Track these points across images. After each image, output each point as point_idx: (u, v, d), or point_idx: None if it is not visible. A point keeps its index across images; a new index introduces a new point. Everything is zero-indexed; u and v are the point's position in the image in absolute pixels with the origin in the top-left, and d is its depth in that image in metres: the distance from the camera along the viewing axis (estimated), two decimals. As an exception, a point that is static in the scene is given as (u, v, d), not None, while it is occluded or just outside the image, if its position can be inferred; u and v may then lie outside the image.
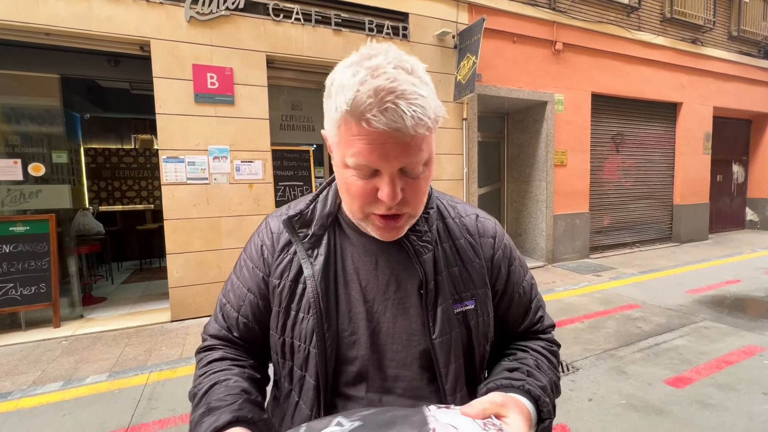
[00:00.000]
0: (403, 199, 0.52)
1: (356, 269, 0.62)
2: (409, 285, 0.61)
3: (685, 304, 4.06)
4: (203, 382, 0.60)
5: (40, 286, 3.61)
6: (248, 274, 0.66)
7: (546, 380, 0.59)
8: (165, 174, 3.73)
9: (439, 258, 0.62)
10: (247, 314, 0.65)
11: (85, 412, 2.35)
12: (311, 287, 0.59)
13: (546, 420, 0.55)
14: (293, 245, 0.63)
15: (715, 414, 2.19)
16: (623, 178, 7.00)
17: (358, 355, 0.60)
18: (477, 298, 0.64)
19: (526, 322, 0.70)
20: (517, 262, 0.70)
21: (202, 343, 0.70)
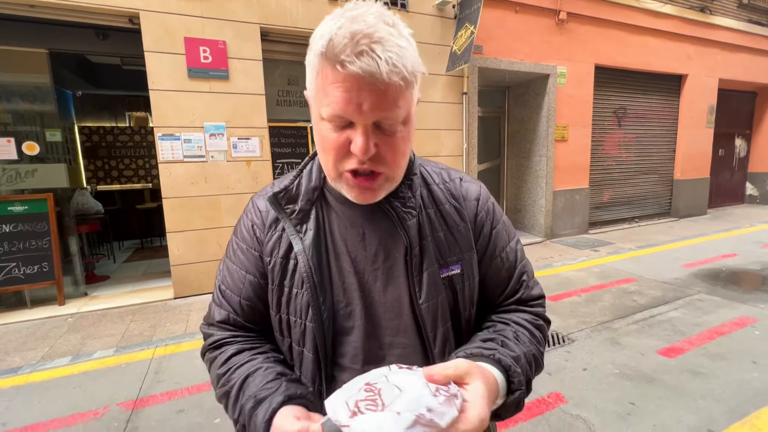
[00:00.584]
0: (379, 156, 0.51)
1: (345, 241, 0.62)
2: (396, 253, 0.61)
3: (681, 277, 4.11)
4: (232, 378, 0.59)
5: (42, 265, 3.64)
6: (243, 256, 0.66)
7: (521, 351, 0.58)
8: (161, 152, 3.69)
9: (423, 224, 0.62)
10: (249, 296, 0.65)
11: (95, 384, 2.43)
12: (303, 262, 0.59)
13: (516, 391, 0.54)
14: (281, 222, 0.63)
15: (705, 382, 2.26)
16: (624, 153, 6.93)
17: (355, 325, 0.61)
18: (463, 262, 0.63)
19: (508, 290, 0.67)
20: (502, 226, 0.68)
21: (208, 339, 0.67)
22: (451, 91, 5.01)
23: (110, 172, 7.20)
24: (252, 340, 0.65)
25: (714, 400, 2.09)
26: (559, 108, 5.84)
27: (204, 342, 0.68)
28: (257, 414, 0.52)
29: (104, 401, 2.25)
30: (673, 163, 7.54)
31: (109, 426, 2.04)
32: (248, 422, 0.54)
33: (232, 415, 0.57)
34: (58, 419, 2.11)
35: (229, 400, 0.58)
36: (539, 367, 0.62)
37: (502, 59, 5.28)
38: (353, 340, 0.61)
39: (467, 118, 5.10)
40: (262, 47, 4.03)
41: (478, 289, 0.67)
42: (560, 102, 5.83)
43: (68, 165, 5.31)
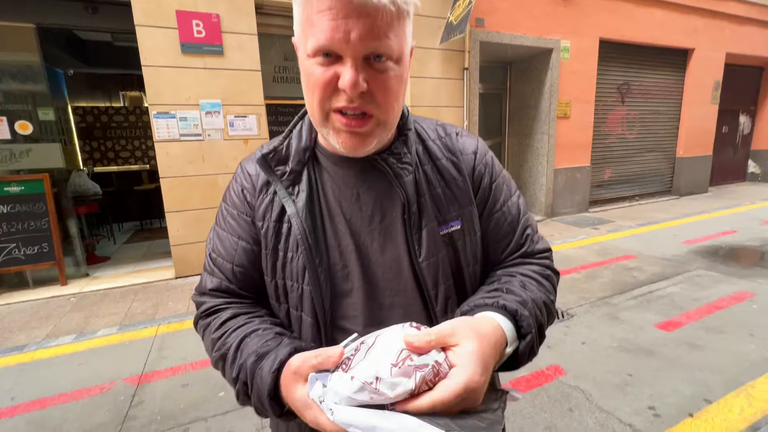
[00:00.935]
0: (370, 94, 0.48)
1: (339, 202, 0.60)
2: (393, 212, 0.59)
3: (681, 254, 4.13)
4: (228, 341, 0.56)
5: (42, 246, 3.64)
6: (234, 222, 0.63)
7: (528, 296, 0.55)
8: (157, 130, 3.63)
9: (420, 180, 0.60)
10: (242, 263, 0.62)
11: (100, 361, 2.46)
12: (297, 224, 0.57)
13: (527, 335, 0.52)
14: (272, 185, 0.61)
15: (702, 354, 2.29)
16: (627, 131, 6.84)
17: (353, 287, 0.59)
18: (463, 217, 0.61)
19: (512, 245, 0.65)
20: (502, 179, 0.66)
21: (200, 307, 0.64)
22: (452, 67, 4.89)
23: (106, 153, 7.12)
24: (247, 306, 0.63)
25: (710, 371, 2.13)
26: (562, 84, 5.72)
27: (196, 311, 0.66)
28: (263, 366, 0.50)
29: (110, 377, 2.28)
30: (675, 140, 7.46)
31: (115, 400, 2.07)
32: (250, 377, 0.52)
33: (230, 375, 0.55)
34: (65, 394, 2.14)
35: (226, 363, 0.56)
36: (551, 315, 0.60)
37: (504, 33, 5.13)
38: (352, 302, 0.59)
39: (468, 95, 5.00)
40: (257, 21, 3.90)
41: (482, 246, 0.65)
42: (563, 78, 5.71)
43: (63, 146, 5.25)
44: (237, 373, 0.54)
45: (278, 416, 0.51)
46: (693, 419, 1.77)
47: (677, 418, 1.78)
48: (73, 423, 1.92)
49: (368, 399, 0.39)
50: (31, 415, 1.99)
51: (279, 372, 0.49)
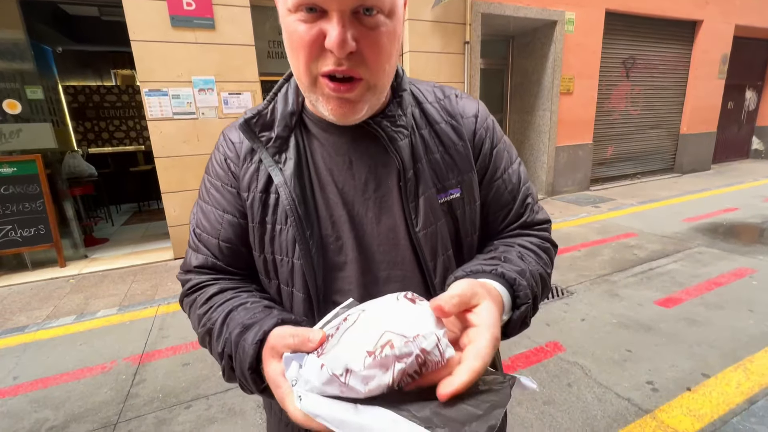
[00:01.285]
0: (359, 55, 0.44)
1: (330, 171, 0.56)
2: (388, 180, 0.55)
3: (682, 231, 4.10)
4: (212, 316, 0.53)
5: (39, 228, 3.61)
6: (218, 194, 0.59)
7: (526, 267, 0.53)
8: (149, 109, 3.53)
9: (417, 145, 0.56)
10: (229, 238, 0.58)
11: (100, 341, 2.47)
12: (285, 194, 0.53)
13: (522, 305, 0.50)
14: (257, 153, 0.56)
15: (701, 329, 2.30)
16: (631, 107, 6.70)
17: (347, 260, 0.56)
18: (463, 185, 0.58)
19: (512, 215, 0.62)
20: (503, 145, 0.62)
21: (186, 285, 0.61)
22: (452, 40, 4.72)
23: (100, 134, 6.99)
24: (235, 282, 0.60)
25: (709, 346, 2.13)
26: (566, 58, 5.55)
27: (182, 289, 0.62)
28: (246, 337, 0.47)
29: (111, 356, 2.29)
30: (680, 116, 7.32)
31: (117, 379, 2.09)
32: (234, 349, 0.48)
33: (216, 349, 0.51)
34: (67, 373, 2.16)
35: (212, 337, 0.53)
36: (546, 288, 0.57)
37: (506, 4, 4.94)
38: (347, 276, 0.56)
39: (469, 70, 4.86)
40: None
41: (480, 216, 0.61)
42: (567, 52, 5.53)
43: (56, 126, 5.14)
44: (222, 347, 0.50)
45: (259, 391, 0.48)
46: (691, 393, 1.78)
47: (675, 392, 1.79)
48: (76, 401, 1.93)
49: (338, 393, 0.34)
50: (34, 393, 2.00)
51: (262, 343, 0.45)
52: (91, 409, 1.88)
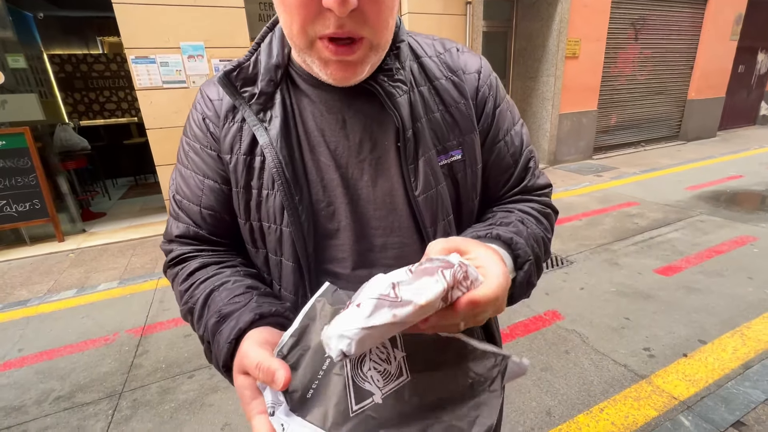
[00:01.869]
0: (360, 11, 0.39)
1: (321, 131, 0.51)
2: (385, 141, 0.51)
3: (684, 200, 4.06)
4: (194, 294, 0.51)
5: (33, 203, 3.56)
6: (198, 158, 0.54)
7: (524, 228, 0.51)
8: (137, 77, 3.39)
9: (416, 103, 0.51)
10: (211, 205, 0.54)
11: (102, 314, 2.49)
12: (271, 156, 0.49)
13: (525, 264, 0.47)
14: (239, 111, 0.51)
15: (700, 297, 2.30)
16: (638, 71, 6.47)
17: (340, 226, 0.52)
18: (464, 146, 0.54)
19: (513, 179, 0.58)
20: (506, 105, 0.58)
21: (168, 255, 0.57)
22: (454, 1, 4.48)
23: (91, 105, 6.80)
24: (219, 254, 0.57)
25: (707, 313, 2.14)
26: (573, 19, 5.29)
27: (165, 259, 0.59)
28: (222, 331, 0.44)
29: (113, 328, 2.32)
30: (688, 81, 7.08)
31: (120, 350, 2.11)
32: (212, 340, 0.46)
33: (198, 332, 0.49)
34: (70, 345, 2.18)
35: (193, 317, 0.51)
36: (547, 252, 0.55)
37: (511, -40, 4.64)
38: (340, 243, 0.53)
39: (471, 33, 4.64)
40: (236, -52, 3.49)
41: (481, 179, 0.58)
42: (574, 12, 5.26)
43: (44, 98, 4.98)
44: (202, 332, 0.48)
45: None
46: (687, 359, 1.81)
47: (671, 358, 1.81)
48: (80, 372, 1.97)
49: (391, 318, 0.28)
50: (40, 365, 2.04)
51: (238, 341, 0.42)
52: (96, 379, 1.91)
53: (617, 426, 1.48)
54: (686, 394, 1.60)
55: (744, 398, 1.56)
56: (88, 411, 1.72)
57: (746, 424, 1.44)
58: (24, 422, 1.68)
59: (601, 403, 1.59)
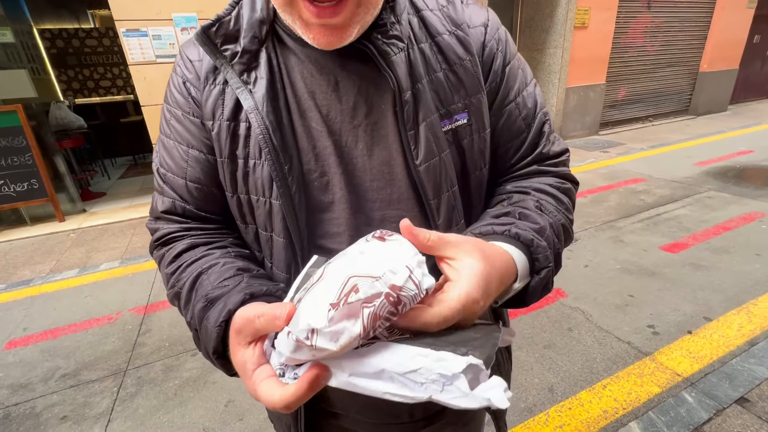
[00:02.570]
0: None
1: (311, 93, 0.46)
2: (382, 104, 0.46)
3: (692, 176, 3.98)
4: (181, 278, 0.48)
5: (31, 182, 3.53)
6: (180, 126, 0.50)
7: (546, 221, 0.46)
8: (130, 52, 3.27)
9: (415, 62, 0.46)
10: (197, 177, 0.50)
11: (105, 293, 2.49)
12: (257, 122, 0.44)
13: (543, 270, 0.43)
14: (220, 72, 0.46)
15: (706, 274, 2.27)
16: (649, 42, 6.22)
17: (334, 199, 0.48)
18: (470, 108, 0.48)
19: (525, 146, 0.53)
20: (517, 62, 0.52)
21: (154, 235, 0.54)
22: (458, -33, 4.25)
23: (85, 83, 6.65)
24: (208, 234, 0.53)
25: (713, 290, 2.12)
26: (583, -14, 5.04)
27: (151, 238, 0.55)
28: (209, 317, 0.41)
29: (116, 307, 2.32)
30: (701, 53, 6.82)
31: (123, 329, 2.12)
32: (199, 327, 0.43)
33: (185, 318, 0.46)
34: (74, 324, 2.20)
35: (180, 302, 0.47)
36: (569, 238, 0.50)
37: None
38: (335, 217, 0.48)
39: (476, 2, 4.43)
40: None
41: (490, 146, 0.53)
42: (584, -22, 5.01)
43: (36, 75, 4.86)
44: (190, 318, 0.45)
45: (230, 374, 0.43)
46: (691, 336, 1.79)
47: (675, 335, 1.80)
48: (85, 350, 1.98)
49: (310, 357, 0.30)
50: (45, 344, 2.05)
51: (227, 324, 0.39)
52: (100, 357, 1.93)
53: (620, 402, 1.48)
54: (690, 371, 1.59)
55: (748, 375, 1.55)
56: (93, 388, 1.74)
57: (750, 401, 1.44)
58: (31, 399, 1.70)
59: (603, 380, 1.59)
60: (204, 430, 1.51)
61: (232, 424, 1.52)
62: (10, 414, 1.63)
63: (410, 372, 0.28)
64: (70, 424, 1.57)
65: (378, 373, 0.29)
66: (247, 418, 1.54)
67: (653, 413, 1.42)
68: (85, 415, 1.60)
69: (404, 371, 0.28)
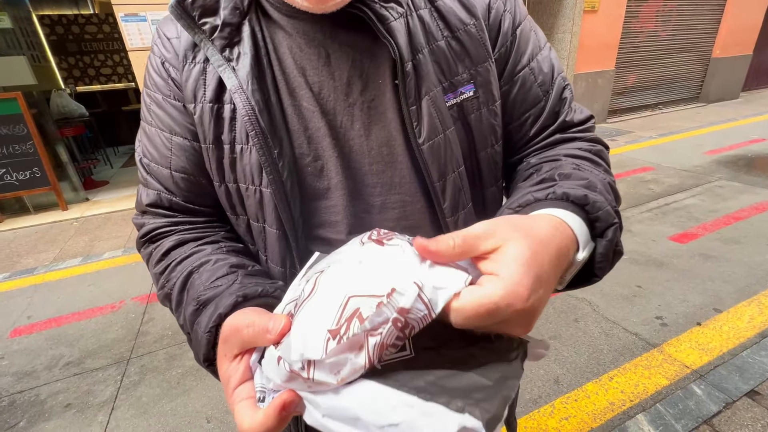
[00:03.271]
0: None
1: (301, 69, 0.42)
2: (379, 79, 0.42)
3: (702, 164, 3.89)
4: (171, 278, 0.44)
5: (33, 171, 3.52)
6: (161, 111, 0.46)
7: (594, 177, 0.39)
8: (128, 37, 3.21)
9: (415, 30, 0.41)
10: (182, 167, 0.46)
11: (108, 282, 2.49)
12: (242, 102, 0.40)
13: (608, 229, 0.34)
14: (200, 48, 0.42)
15: (716, 265, 2.23)
16: (660, 27, 6.04)
17: (330, 185, 0.44)
18: (477, 79, 0.44)
19: (545, 115, 0.47)
20: (528, 23, 0.47)
21: (140, 230, 0.50)
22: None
23: (86, 70, 6.60)
24: (198, 228, 0.49)
25: (723, 281, 2.08)
26: (593, -32, 4.88)
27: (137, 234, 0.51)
28: (199, 322, 0.38)
29: (119, 296, 2.32)
30: (714, 38, 6.62)
31: (126, 317, 2.12)
32: (191, 331, 0.40)
33: (177, 320, 0.44)
34: (78, 312, 2.20)
35: (171, 304, 0.44)
36: (618, 198, 0.41)
37: None
38: (332, 205, 0.45)
39: (482, -15, 4.30)
40: None
41: (502, 120, 0.47)
42: (595, -41, 4.85)
43: (37, 62, 4.81)
44: (182, 322, 0.42)
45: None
46: (701, 328, 1.76)
47: (684, 327, 1.77)
48: (89, 338, 1.98)
49: (307, 389, 0.26)
50: (49, 332, 2.06)
51: (218, 330, 0.36)
52: (104, 345, 1.93)
53: (627, 394, 1.46)
54: (699, 363, 1.56)
55: (759, 367, 1.52)
56: (97, 376, 1.74)
57: (761, 394, 1.41)
58: (36, 387, 1.71)
59: (610, 372, 1.57)
60: (207, 418, 1.50)
61: (235, 413, 1.52)
62: (15, 401, 1.64)
63: (389, 426, 0.23)
64: (74, 411, 1.57)
65: (353, 420, 0.24)
66: (250, 407, 1.53)
67: (661, 405, 1.40)
68: (89, 403, 1.61)
69: (382, 424, 0.23)
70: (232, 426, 1.47)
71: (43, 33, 5.94)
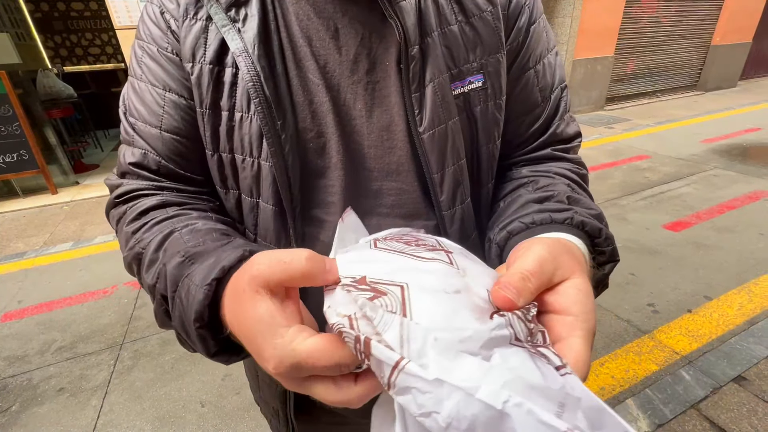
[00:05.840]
0: None
1: (307, 39, 0.39)
2: (386, 60, 0.40)
3: (698, 153, 3.89)
4: (144, 237, 0.38)
5: (21, 153, 3.43)
6: (155, 64, 0.41)
7: (598, 208, 0.39)
8: (116, 14, 3.10)
9: (426, 11, 0.39)
10: (175, 127, 0.42)
11: (99, 267, 2.47)
12: (247, 67, 0.37)
13: (608, 264, 0.37)
14: (204, 6, 0.38)
15: (709, 253, 2.24)
16: (662, 12, 5.95)
17: (330, 163, 0.41)
18: (487, 70, 0.42)
19: (541, 120, 0.47)
20: (543, 23, 0.46)
21: (116, 190, 0.44)
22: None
23: (73, 50, 6.40)
24: (185, 196, 0.45)
25: (714, 269, 2.10)
26: (596, -51, 4.76)
27: (109, 197, 0.46)
28: (193, 274, 0.32)
29: (111, 281, 2.30)
30: (714, 24, 6.55)
31: (119, 303, 2.11)
32: (171, 288, 0.33)
33: (147, 281, 0.37)
34: (69, 297, 2.18)
35: (141, 265, 0.38)
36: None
37: None
38: (329, 185, 0.42)
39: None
40: None
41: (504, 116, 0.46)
42: (598, -59, 4.73)
43: (21, 40, 4.65)
44: (154, 281, 0.35)
45: (210, 354, 0.32)
46: (691, 315, 1.78)
47: (675, 314, 1.79)
48: (81, 324, 1.97)
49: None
50: (40, 316, 2.04)
51: (220, 283, 0.30)
52: (96, 330, 1.92)
53: (617, 380, 1.48)
54: (688, 349, 1.59)
55: (747, 353, 1.54)
56: (90, 361, 1.74)
57: (747, 379, 1.44)
58: (28, 371, 1.70)
59: (601, 358, 1.59)
60: (201, 403, 1.51)
61: (229, 397, 1.53)
62: (7, 385, 1.63)
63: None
64: (67, 396, 1.57)
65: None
66: (244, 391, 1.54)
67: (650, 390, 1.42)
68: (82, 387, 1.60)
69: None
70: (227, 410, 1.48)
71: (27, 9, 5.73)
